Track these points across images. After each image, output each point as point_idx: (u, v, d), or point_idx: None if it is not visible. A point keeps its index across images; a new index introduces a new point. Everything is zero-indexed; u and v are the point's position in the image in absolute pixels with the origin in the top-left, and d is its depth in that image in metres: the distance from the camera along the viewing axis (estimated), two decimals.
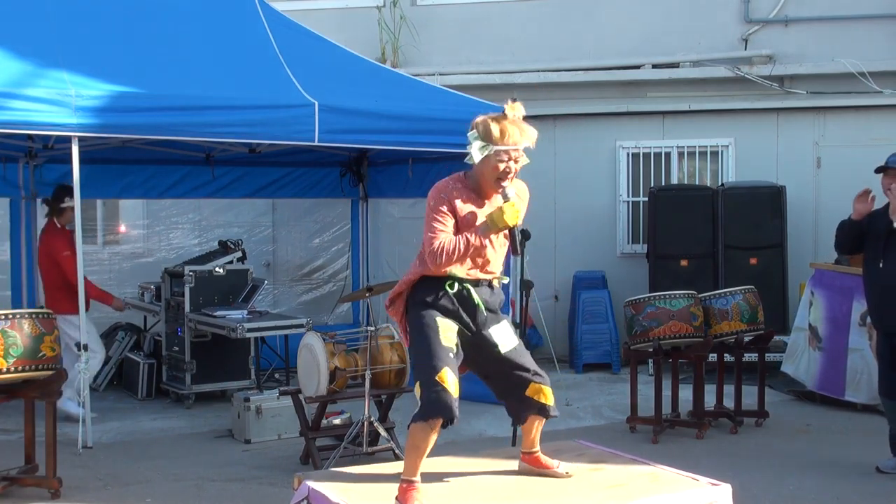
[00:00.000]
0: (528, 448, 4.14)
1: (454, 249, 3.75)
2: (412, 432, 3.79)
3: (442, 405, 3.67)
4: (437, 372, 3.69)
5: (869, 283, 6.12)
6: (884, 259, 5.93)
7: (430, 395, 3.68)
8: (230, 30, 7.85)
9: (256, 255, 10.00)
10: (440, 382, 3.67)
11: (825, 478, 6.01)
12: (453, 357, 3.78)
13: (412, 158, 8.98)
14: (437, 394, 3.67)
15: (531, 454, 4.14)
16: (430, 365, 3.71)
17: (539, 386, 4.00)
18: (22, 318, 5.48)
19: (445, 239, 3.76)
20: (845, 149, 10.04)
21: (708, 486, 3.92)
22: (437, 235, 3.76)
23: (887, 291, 5.92)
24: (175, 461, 6.53)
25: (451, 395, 3.68)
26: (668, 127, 10.68)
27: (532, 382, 3.99)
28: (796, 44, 10.56)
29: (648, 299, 7.14)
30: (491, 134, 3.77)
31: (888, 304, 5.93)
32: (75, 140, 6.59)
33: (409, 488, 3.76)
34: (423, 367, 3.75)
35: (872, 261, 6.03)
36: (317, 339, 6.23)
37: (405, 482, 3.79)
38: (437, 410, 3.68)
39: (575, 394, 8.69)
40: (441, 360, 3.72)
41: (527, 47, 11.03)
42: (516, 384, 4.00)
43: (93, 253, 8.07)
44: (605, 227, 10.66)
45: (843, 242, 6.26)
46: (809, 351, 8.25)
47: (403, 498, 3.74)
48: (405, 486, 3.78)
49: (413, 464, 3.80)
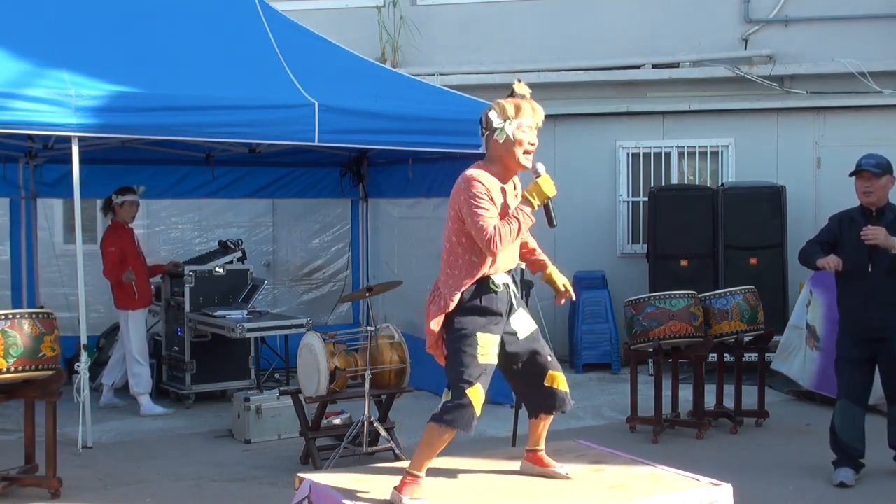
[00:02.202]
0: (534, 445, 4.13)
1: (509, 231, 3.77)
2: (430, 430, 3.80)
3: (464, 420, 3.74)
4: (470, 387, 3.74)
5: (851, 287, 5.94)
6: (872, 263, 5.82)
7: (456, 406, 3.73)
8: (230, 30, 7.85)
9: (256, 255, 9.99)
10: (468, 397, 3.73)
11: (825, 478, 6.01)
12: (488, 373, 3.81)
13: (412, 158, 8.98)
14: (463, 407, 3.73)
15: (536, 452, 4.13)
16: (464, 378, 3.75)
17: (555, 374, 4.03)
18: (22, 318, 5.48)
19: (496, 223, 3.75)
20: (845, 149, 10.01)
21: (708, 486, 3.92)
22: (488, 221, 3.74)
23: (875, 295, 5.81)
24: (175, 461, 6.53)
25: (474, 412, 3.75)
26: (668, 127, 10.68)
27: (549, 370, 4.01)
28: (796, 44, 10.56)
29: (648, 299, 7.14)
30: (510, 111, 3.84)
31: (876, 308, 5.81)
32: (75, 140, 6.60)
33: (412, 481, 3.78)
34: (457, 376, 3.77)
35: (858, 265, 5.87)
36: (317, 339, 6.23)
37: (410, 475, 3.80)
38: (457, 423, 3.74)
39: (575, 394, 8.54)
40: (475, 377, 3.76)
41: (527, 47, 11.02)
42: (535, 372, 4.01)
43: (93, 253, 8.09)
44: (605, 227, 10.67)
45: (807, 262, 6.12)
46: (806, 350, 8.24)
47: (401, 487, 3.75)
48: (409, 478, 3.78)
49: (422, 459, 3.83)
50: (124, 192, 8.12)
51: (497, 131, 3.84)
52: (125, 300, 7.99)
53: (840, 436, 5.98)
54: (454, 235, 3.85)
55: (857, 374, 5.96)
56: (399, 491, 3.74)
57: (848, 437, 5.95)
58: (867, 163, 5.90)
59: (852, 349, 5.96)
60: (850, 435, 5.95)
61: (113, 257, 7.94)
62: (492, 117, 3.86)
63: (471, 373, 3.76)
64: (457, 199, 3.82)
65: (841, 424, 5.98)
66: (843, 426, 5.97)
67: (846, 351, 6.01)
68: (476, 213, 3.74)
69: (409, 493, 3.73)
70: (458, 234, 3.84)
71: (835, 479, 5.93)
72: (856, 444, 5.96)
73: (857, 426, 5.96)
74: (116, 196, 8.09)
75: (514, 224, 3.78)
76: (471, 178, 3.81)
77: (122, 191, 8.13)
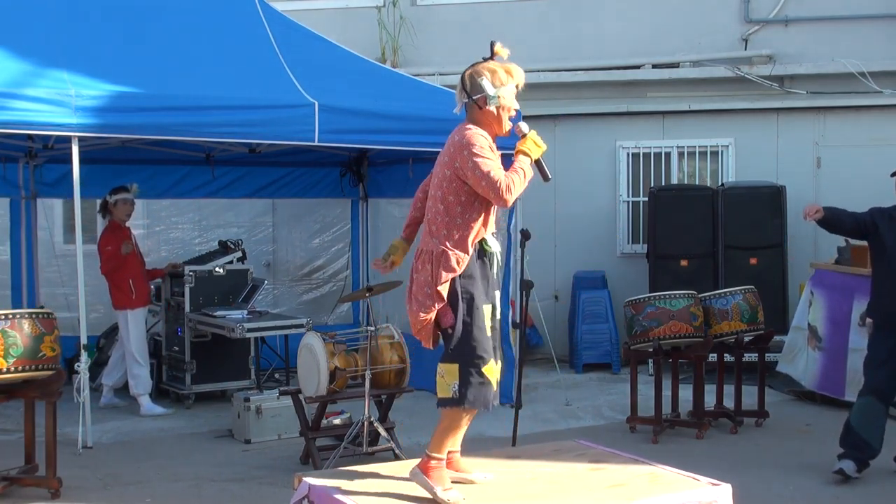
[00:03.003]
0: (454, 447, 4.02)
1: (520, 180, 3.77)
2: (450, 415, 3.80)
3: (484, 399, 3.75)
4: (485, 364, 3.75)
5: (886, 283, 5.92)
6: None
7: (474, 386, 3.73)
8: (230, 30, 7.85)
9: (256, 255, 9.99)
10: (485, 375, 3.73)
11: (825, 478, 6.00)
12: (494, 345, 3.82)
13: (412, 158, 8.98)
14: (481, 385, 3.73)
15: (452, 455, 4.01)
16: (478, 355, 3.74)
17: None
18: (22, 318, 5.48)
19: (504, 174, 3.74)
20: (845, 149, 10.05)
21: (708, 485, 3.92)
22: (498, 172, 3.72)
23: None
24: (175, 461, 6.53)
25: (492, 388, 3.76)
26: (668, 127, 10.68)
27: None
28: (796, 44, 10.56)
29: (648, 299, 7.14)
30: (502, 77, 3.86)
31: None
32: (75, 140, 6.60)
33: (437, 465, 3.79)
34: (469, 355, 3.75)
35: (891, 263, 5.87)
36: (317, 339, 6.23)
37: (433, 458, 3.80)
38: (479, 403, 3.74)
39: (575, 394, 8.69)
40: (488, 352, 3.76)
41: (527, 47, 10.98)
42: None
43: (93, 253, 8.09)
44: (605, 227, 10.66)
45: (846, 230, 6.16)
46: (808, 351, 8.24)
47: (426, 471, 3.77)
48: (433, 462, 3.79)
49: (443, 442, 3.83)
50: (118, 191, 8.12)
51: (491, 99, 3.83)
52: (123, 300, 7.99)
53: (858, 431, 5.94)
54: (451, 195, 3.80)
55: (885, 372, 5.93)
56: (426, 474, 3.76)
57: (866, 434, 5.92)
58: None
59: (881, 348, 5.93)
60: (869, 432, 5.92)
61: (109, 255, 7.95)
62: (485, 85, 3.84)
63: (484, 348, 3.75)
64: (456, 158, 3.78)
65: (859, 420, 5.95)
66: (861, 422, 5.94)
67: (876, 351, 5.99)
68: (484, 166, 3.71)
69: (440, 481, 3.75)
70: (456, 194, 3.80)
71: (835, 467, 5.92)
72: (872, 443, 5.94)
73: (878, 424, 5.94)
74: (110, 196, 8.10)
75: (521, 174, 3.79)
76: (471, 136, 3.79)
77: (115, 190, 8.13)
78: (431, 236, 3.85)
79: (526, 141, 3.88)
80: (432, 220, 3.86)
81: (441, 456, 3.82)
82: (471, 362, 3.74)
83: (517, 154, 3.88)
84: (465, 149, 3.75)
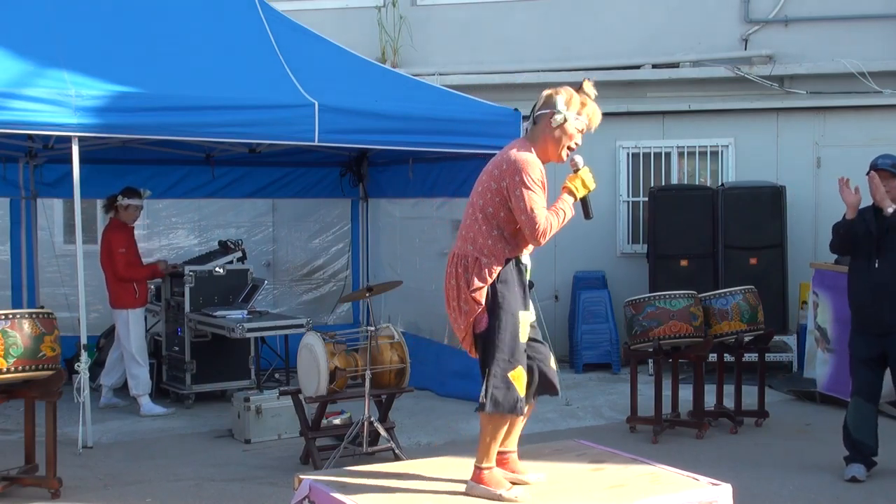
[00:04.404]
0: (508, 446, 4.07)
1: (557, 223, 3.81)
2: (490, 421, 3.81)
3: (512, 404, 3.76)
4: (513, 368, 3.77)
5: (859, 282, 5.97)
6: (879, 258, 5.84)
7: (502, 391, 3.75)
8: (230, 30, 7.85)
9: (256, 255, 9.99)
10: (512, 381, 3.75)
11: (825, 478, 6.01)
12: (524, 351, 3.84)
13: (412, 158, 8.98)
14: (507, 391, 3.76)
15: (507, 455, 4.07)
16: (506, 360, 3.77)
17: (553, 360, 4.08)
18: (22, 318, 5.48)
19: (547, 214, 3.77)
20: (845, 149, 10.04)
21: (708, 485, 3.93)
22: (540, 212, 3.75)
23: (882, 290, 5.82)
24: (175, 461, 6.53)
25: (519, 393, 3.77)
26: (668, 127, 10.68)
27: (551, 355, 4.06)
28: (796, 44, 10.56)
29: (648, 299, 7.14)
30: (576, 106, 3.88)
31: (884, 303, 5.82)
32: (75, 140, 6.60)
33: (490, 472, 3.83)
34: (499, 359, 3.77)
35: (864, 260, 5.91)
36: (317, 339, 6.23)
37: (481, 469, 3.83)
38: (507, 408, 3.77)
39: (575, 394, 8.69)
40: (517, 358, 3.79)
41: (527, 47, 11.02)
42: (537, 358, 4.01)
43: (93, 253, 8.09)
44: (605, 227, 10.66)
45: (841, 245, 6.14)
46: (819, 352, 8.23)
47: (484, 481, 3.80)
48: (485, 472, 3.83)
49: (486, 450, 3.85)
50: (130, 194, 8.08)
51: (557, 115, 3.84)
52: (126, 299, 7.97)
53: (854, 434, 6.00)
54: (491, 207, 3.82)
55: (869, 372, 5.98)
56: (485, 484, 3.79)
57: (861, 435, 5.98)
58: (884, 163, 5.92)
59: (863, 347, 5.98)
60: (863, 433, 5.98)
61: (125, 258, 7.94)
62: (558, 101, 3.85)
63: (514, 353, 3.78)
64: (506, 176, 3.79)
65: (854, 422, 6.01)
66: (856, 424, 6.00)
67: (857, 350, 6.04)
68: (530, 201, 3.73)
69: (498, 484, 3.79)
70: (496, 208, 3.81)
71: (846, 474, 5.96)
72: (868, 442, 5.99)
73: (869, 424, 5.99)
74: (122, 198, 8.05)
75: (560, 216, 3.81)
76: (527, 163, 3.78)
77: (128, 193, 8.09)
78: (466, 242, 3.87)
79: (576, 178, 3.90)
80: (469, 226, 3.88)
81: (489, 464, 3.85)
82: (498, 367, 3.77)
83: (563, 190, 3.89)
84: (517, 173, 3.76)
